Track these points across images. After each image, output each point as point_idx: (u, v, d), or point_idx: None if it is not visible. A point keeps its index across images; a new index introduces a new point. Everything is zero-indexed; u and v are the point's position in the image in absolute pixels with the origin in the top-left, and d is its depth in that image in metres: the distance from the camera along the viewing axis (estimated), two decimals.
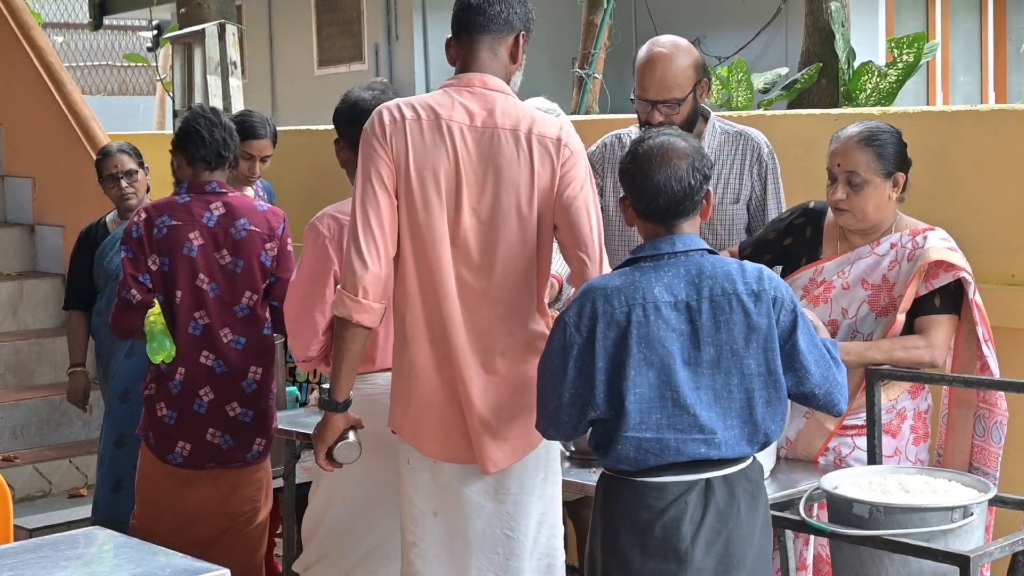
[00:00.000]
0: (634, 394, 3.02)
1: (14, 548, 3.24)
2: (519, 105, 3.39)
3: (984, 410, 3.74)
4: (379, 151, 3.33)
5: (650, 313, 3.03)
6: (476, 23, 3.38)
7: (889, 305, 3.76)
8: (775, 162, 4.28)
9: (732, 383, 3.05)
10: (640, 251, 3.14)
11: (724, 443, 3.04)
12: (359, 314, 3.32)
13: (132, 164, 5.68)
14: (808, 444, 3.86)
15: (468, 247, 3.34)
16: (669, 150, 3.10)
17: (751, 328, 3.05)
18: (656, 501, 3.05)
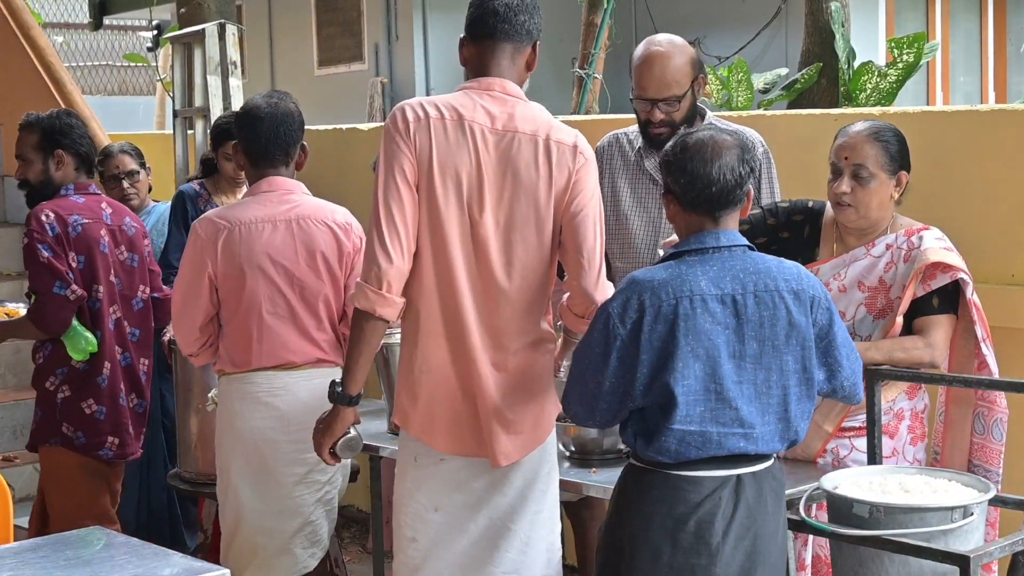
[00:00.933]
0: (682, 386, 3.05)
1: (14, 548, 3.24)
2: (537, 111, 3.45)
3: (983, 408, 3.74)
4: (403, 147, 3.36)
5: (697, 306, 3.06)
6: (502, 31, 3.44)
7: (886, 307, 3.76)
8: (770, 161, 4.28)
9: (772, 379, 3.10)
10: (685, 244, 3.17)
11: (761, 438, 3.10)
12: (382, 308, 3.34)
13: (133, 164, 5.68)
14: (807, 446, 3.86)
15: (487, 247, 3.38)
16: (720, 141, 3.15)
17: (792, 325, 3.11)
18: (692, 495, 3.08)
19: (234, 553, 4.17)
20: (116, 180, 5.65)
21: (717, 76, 8.59)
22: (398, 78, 12.14)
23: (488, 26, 3.47)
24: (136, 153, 5.75)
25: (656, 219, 4.30)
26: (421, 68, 11.97)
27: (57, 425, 4.69)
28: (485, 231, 3.38)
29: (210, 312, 4.13)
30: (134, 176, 5.68)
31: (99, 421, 4.71)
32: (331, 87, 12.71)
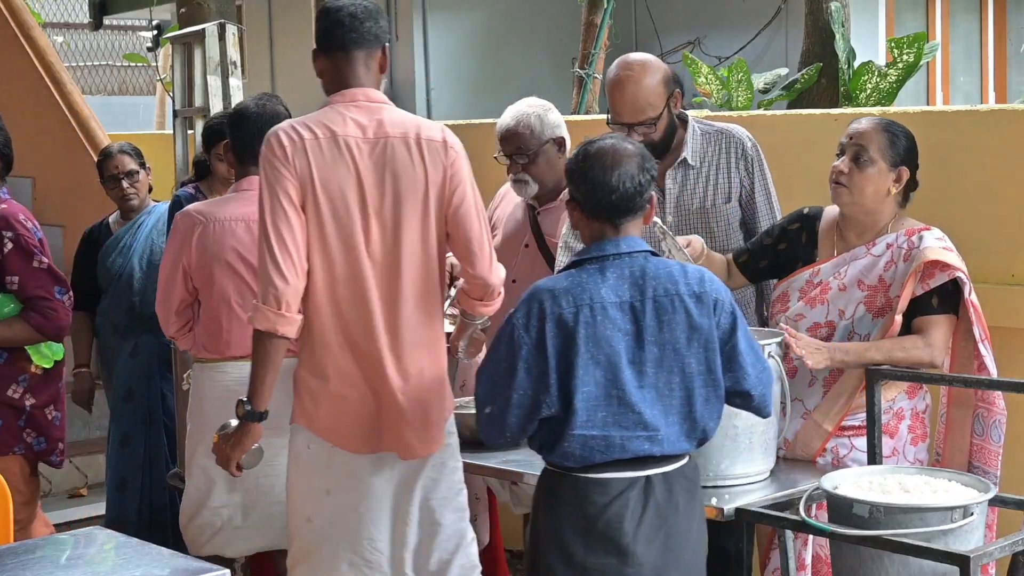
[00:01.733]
0: (582, 392, 3.12)
1: (14, 548, 3.24)
2: (403, 114, 3.64)
3: (983, 409, 3.75)
4: (284, 171, 3.51)
5: (597, 313, 3.14)
6: (351, 40, 3.59)
7: (885, 306, 3.77)
8: (759, 154, 4.28)
9: (674, 381, 3.17)
10: (585, 253, 3.24)
11: (666, 440, 3.17)
12: (283, 327, 3.50)
13: (133, 165, 5.68)
14: (806, 445, 3.87)
15: (377, 251, 3.56)
16: (620, 150, 3.24)
17: (693, 328, 3.18)
18: (599, 497, 3.16)
19: (195, 526, 4.41)
20: (115, 180, 5.65)
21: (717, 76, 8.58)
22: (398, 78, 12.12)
23: (338, 37, 3.61)
24: (136, 153, 5.75)
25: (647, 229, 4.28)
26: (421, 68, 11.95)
27: (20, 433, 4.67)
28: (373, 237, 3.55)
29: (186, 299, 4.40)
30: (133, 176, 5.68)
31: (56, 427, 4.73)
32: None
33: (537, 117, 4.70)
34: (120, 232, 5.64)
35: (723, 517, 3.49)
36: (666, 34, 11.14)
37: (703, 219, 4.25)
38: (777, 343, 3.70)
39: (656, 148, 4.19)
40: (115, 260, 5.58)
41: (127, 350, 5.44)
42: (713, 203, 4.24)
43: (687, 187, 4.26)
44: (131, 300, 5.50)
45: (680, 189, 4.26)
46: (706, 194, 4.25)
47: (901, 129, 3.83)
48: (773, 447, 3.73)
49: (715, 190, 4.24)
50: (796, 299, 3.91)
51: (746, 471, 3.68)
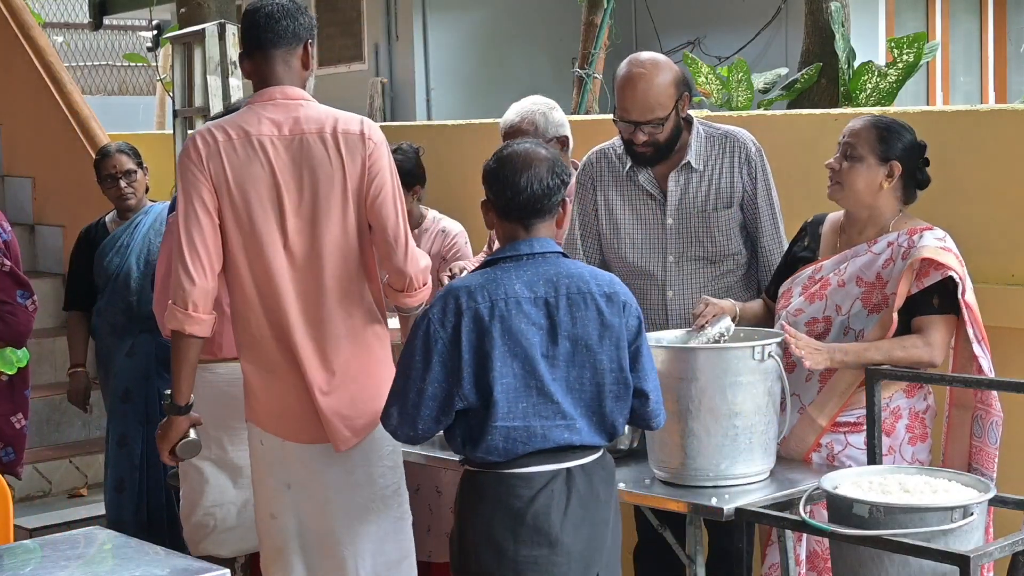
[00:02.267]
0: (501, 384, 3.21)
1: (14, 548, 3.24)
2: (321, 109, 3.68)
3: (981, 410, 3.75)
4: (198, 176, 3.62)
5: (512, 308, 3.24)
6: (267, 40, 3.67)
7: (881, 302, 3.77)
8: (764, 160, 4.27)
9: (585, 376, 3.28)
10: (500, 252, 3.35)
11: (583, 430, 3.28)
12: (191, 326, 3.60)
13: (131, 164, 5.68)
14: (800, 440, 3.87)
15: (297, 247, 3.62)
16: (532, 154, 3.34)
17: (604, 326, 3.28)
18: (524, 491, 3.25)
19: (191, 526, 4.47)
20: (113, 180, 5.65)
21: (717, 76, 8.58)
22: (398, 78, 12.13)
23: (255, 38, 3.68)
24: (133, 153, 5.75)
25: (658, 233, 4.28)
26: (421, 68, 11.95)
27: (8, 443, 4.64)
28: (292, 234, 3.62)
29: None
30: (131, 176, 5.67)
31: (24, 436, 4.68)
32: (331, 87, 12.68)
33: (542, 115, 4.70)
34: (117, 232, 5.64)
35: (723, 517, 3.49)
36: (666, 34, 11.14)
37: (704, 223, 4.24)
38: (777, 343, 3.70)
39: (661, 149, 4.19)
40: (112, 260, 5.58)
41: (124, 350, 5.44)
42: (715, 207, 4.23)
43: (689, 190, 4.25)
44: (128, 300, 5.50)
45: (683, 192, 4.26)
46: (708, 198, 4.24)
47: (898, 126, 3.84)
48: (773, 447, 3.73)
49: (717, 194, 4.24)
50: (798, 295, 3.92)
51: (746, 471, 3.68)
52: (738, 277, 4.29)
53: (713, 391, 3.63)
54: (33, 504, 6.12)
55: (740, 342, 3.79)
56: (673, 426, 3.67)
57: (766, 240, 4.25)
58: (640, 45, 11.25)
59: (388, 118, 11.80)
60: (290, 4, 3.72)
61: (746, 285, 4.30)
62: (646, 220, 4.30)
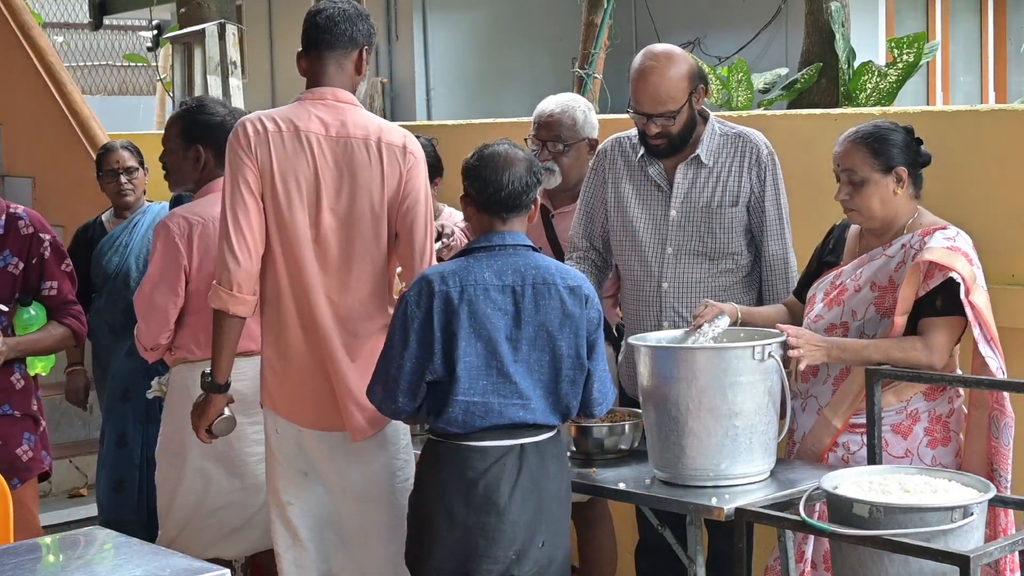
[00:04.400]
0: (464, 363, 3.48)
1: (14, 548, 3.24)
2: (367, 116, 3.82)
3: (997, 411, 3.73)
4: (245, 160, 3.73)
5: (480, 293, 3.50)
6: (324, 41, 3.79)
7: (892, 306, 3.76)
8: (775, 163, 4.27)
9: (544, 360, 3.54)
10: (475, 243, 3.61)
11: (538, 410, 3.54)
12: (235, 306, 3.73)
13: (133, 162, 5.69)
14: (817, 441, 3.87)
15: (329, 244, 3.75)
16: (512, 154, 3.60)
17: (566, 315, 3.54)
18: (480, 462, 3.51)
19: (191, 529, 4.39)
20: (114, 175, 5.66)
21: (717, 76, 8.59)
22: (398, 78, 12.13)
23: (313, 38, 3.81)
24: (136, 152, 5.75)
25: (661, 224, 4.29)
26: (421, 68, 11.96)
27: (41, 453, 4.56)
28: (326, 229, 3.75)
29: (180, 304, 4.36)
30: (132, 172, 5.68)
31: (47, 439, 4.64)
32: None
33: (582, 112, 4.72)
34: (116, 231, 5.64)
35: (723, 517, 3.48)
36: (666, 34, 11.13)
37: (706, 218, 4.24)
38: (778, 343, 3.70)
39: (674, 141, 4.20)
40: (111, 259, 5.57)
41: (123, 349, 5.42)
42: (720, 204, 4.23)
43: (696, 184, 4.26)
44: (128, 299, 5.47)
45: (690, 185, 4.26)
46: (714, 194, 4.24)
47: (885, 130, 3.81)
48: (773, 447, 3.73)
49: (724, 191, 4.24)
50: (820, 300, 3.91)
51: (746, 471, 3.68)
52: (737, 278, 4.28)
53: (713, 391, 3.63)
54: None
55: (740, 342, 3.79)
56: (673, 426, 3.67)
57: (771, 244, 4.24)
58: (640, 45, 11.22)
59: (388, 118, 11.76)
60: (352, 9, 3.82)
61: (746, 288, 4.29)
62: (651, 210, 4.31)
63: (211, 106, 4.55)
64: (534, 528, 3.53)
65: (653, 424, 3.75)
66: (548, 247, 4.72)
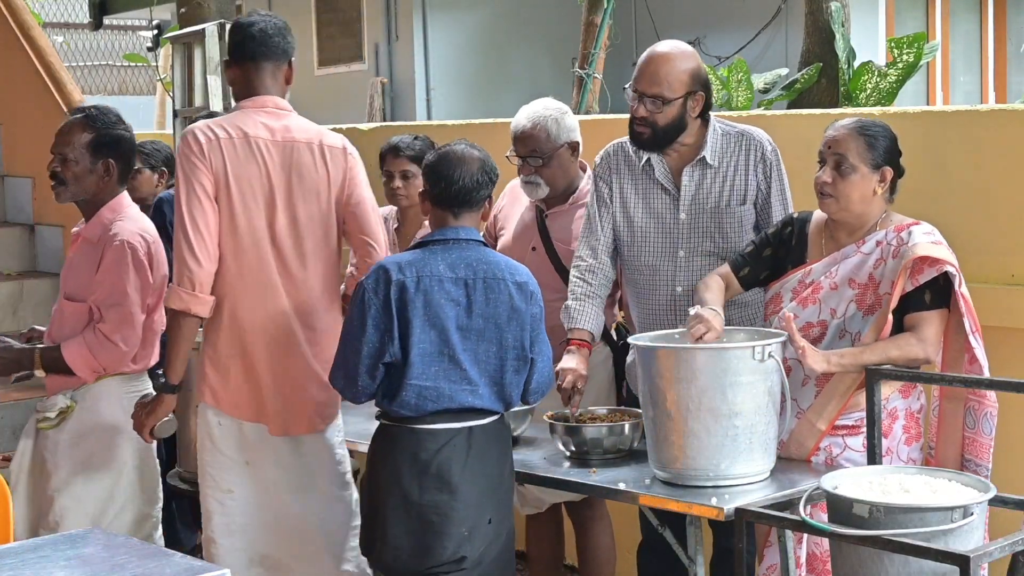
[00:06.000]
0: (418, 349, 3.68)
1: (14, 548, 3.24)
2: (306, 122, 4.09)
3: (974, 402, 3.75)
4: (200, 165, 3.92)
5: (434, 284, 3.70)
6: (260, 52, 4.02)
7: (875, 303, 3.77)
8: (779, 159, 4.28)
9: (491, 350, 3.75)
10: (429, 236, 3.82)
11: (485, 396, 3.74)
12: (196, 306, 3.90)
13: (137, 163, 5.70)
14: (800, 444, 3.87)
15: (283, 242, 3.97)
16: (466, 153, 3.83)
17: (514, 309, 3.75)
18: (431, 444, 3.71)
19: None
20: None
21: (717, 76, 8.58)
22: (398, 78, 12.13)
23: (249, 50, 4.02)
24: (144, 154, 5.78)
25: (671, 228, 4.28)
26: (421, 68, 11.95)
27: None
28: (279, 229, 3.97)
29: None
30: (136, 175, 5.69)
31: None
32: (331, 87, 12.70)
33: (554, 120, 4.67)
34: None
35: (723, 517, 3.49)
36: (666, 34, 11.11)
37: (716, 219, 4.24)
38: (779, 343, 3.70)
39: (657, 134, 4.19)
40: None
41: None
42: (728, 203, 4.23)
43: (704, 186, 4.26)
44: None
45: (696, 187, 4.26)
46: (721, 194, 4.24)
47: (877, 128, 3.82)
48: (773, 447, 3.73)
49: (731, 190, 4.24)
50: (788, 299, 3.91)
51: (746, 471, 3.68)
52: None
53: (713, 391, 3.63)
54: None
55: (740, 342, 3.79)
56: (673, 426, 3.67)
57: None
58: (640, 45, 11.24)
59: (388, 118, 11.80)
60: (281, 23, 4.08)
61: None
62: (659, 214, 4.31)
63: (120, 119, 4.52)
64: (483, 506, 3.73)
65: (653, 424, 3.76)
66: (542, 247, 4.72)
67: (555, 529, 4.91)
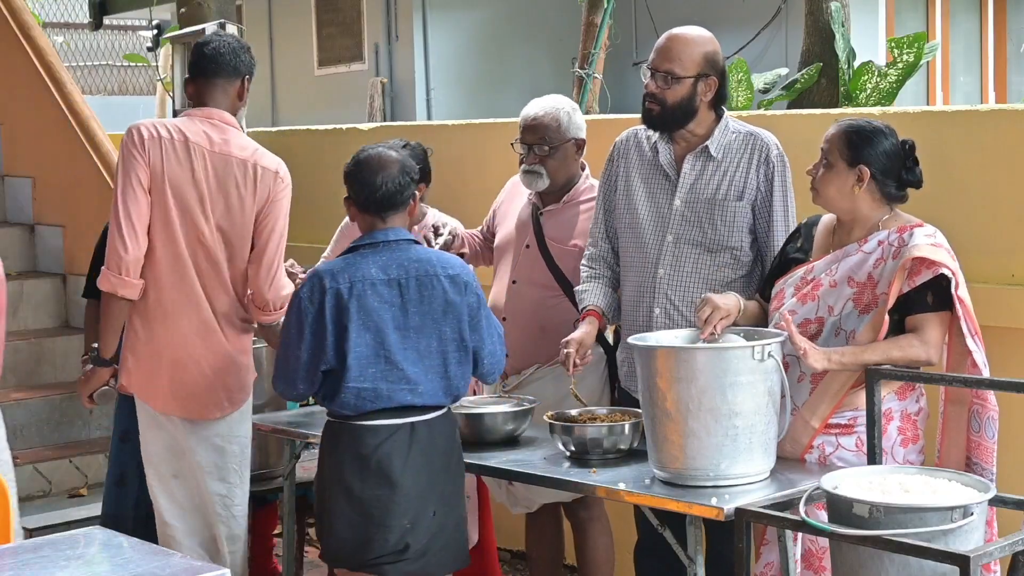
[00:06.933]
0: (355, 352, 3.79)
1: (14, 548, 3.24)
2: (247, 140, 4.35)
3: (978, 405, 3.75)
4: (139, 159, 4.22)
5: (368, 288, 3.82)
6: (210, 69, 4.32)
7: (872, 302, 3.77)
8: (784, 164, 4.28)
9: (432, 345, 3.86)
10: (359, 241, 3.93)
11: (427, 393, 3.85)
12: (123, 289, 4.22)
13: None
14: (794, 442, 3.87)
15: (207, 245, 4.25)
16: (385, 157, 3.94)
17: (448, 303, 3.87)
18: (372, 440, 3.83)
19: None
20: None
21: None
22: (398, 78, 12.13)
23: (201, 67, 4.33)
24: None
25: (664, 212, 4.31)
26: (421, 68, 11.96)
27: None
28: (204, 232, 4.25)
29: None
30: None
31: None
32: (331, 87, 12.71)
33: (566, 113, 4.72)
34: None
35: (723, 517, 3.48)
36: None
37: (709, 210, 4.25)
38: (778, 343, 3.70)
39: (665, 113, 4.24)
40: None
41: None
42: (725, 196, 4.24)
43: (704, 176, 4.28)
44: None
45: (696, 176, 4.28)
46: (719, 187, 4.26)
47: (871, 131, 3.84)
48: (773, 447, 3.73)
49: (729, 185, 4.25)
50: (790, 295, 3.92)
51: (746, 471, 3.68)
52: (736, 275, 4.28)
53: (713, 391, 3.63)
54: (33, 504, 6.11)
55: (740, 342, 3.79)
56: (673, 426, 3.67)
57: (775, 246, 4.23)
58: (640, 45, 11.26)
59: (388, 118, 11.80)
60: (236, 43, 4.37)
61: (744, 286, 4.28)
62: (656, 198, 4.34)
63: None
64: (426, 499, 3.84)
65: (653, 424, 3.75)
66: (536, 244, 4.73)
67: (555, 529, 4.92)
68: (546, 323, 4.62)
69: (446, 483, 3.91)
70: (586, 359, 4.26)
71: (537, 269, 4.70)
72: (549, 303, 4.63)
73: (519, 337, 4.64)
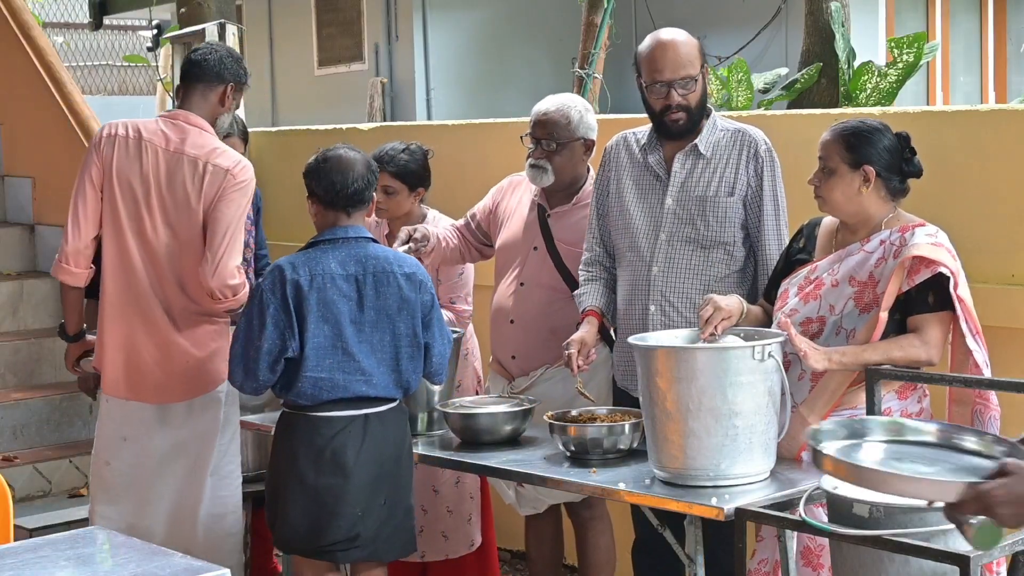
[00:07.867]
0: (312, 343, 3.95)
1: (14, 548, 3.24)
2: (209, 140, 4.46)
3: (980, 405, 3.76)
4: (94, 157, 4.51)
5: (327, 282, 3.98)
6: (193, 74, 4.51)
7: (872, 301, 3.78)
8: (773, 159, 4.29)
9: (385, 340, 4.03)
10: (321, 236, 4.09)
11: (380, 385, 4.02)
12: (64, 276, 4.52)
13: None
14: (792, 438, 3.86)
15: (156, 239, 4.43)
16: (351, 156, 4.11)
17: (403, 300, 4.04)
18: (327, 430, 3.99)
19: None
20: None
21: (717, 76, 8.58)
22: (398, 78, 12.13)
23: (185, 71, 4.54)
24: None
25: (656, 212, 4.32)
26: (421, 68, 11.95)
27: None
28: (153, 227, 4.42)
29: None
30: None
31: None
32: (331, 87, 12.70)
33: (577, 112, 4.71)
34: None
35: (723, 517, 3.48)
36: None
37: (700, 208, 4.26)
38: (778, 343, 3.70)
39: (692, 117, 4.25)
40: None
41: None
42: (716, 193, 4.25)
43: (694, 174, 4.28)
44: None
45: (687, 175, 4.29)
46: (710, 184, 4.26)
47: (866, 129, 3.84)
48: (773, 447, 3.73)
49: (720, 181, 4.26)
50: (793, 295, 3.93)
51: (746, 471, 3.68)
52: (729, 271, 4.28)
53: (713, 391, 3.63)
54: (33, 504, 6.10)
55: (740, 342, 3.79)
56: (673, 426, 3.67)
57: (767, 240, 4.25)
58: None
59: (388, 118, 11.80)
60: (225, 52, 4.53)
61: (739, 282, 4.29)
62: (648, 199, 4.35)
63: None
64: (377, 488, 4.00)
65: (653, 424, 3.75)
66: (544, 246, 4.72)
67: (555, 529, 4.91)
68: (556, 325, 4.61)
69: (397, 473, 4.06)
70: (590, 358, 4.26)
71: (545, 271, 4.69)
72: (558, 305, 4.62)
73: (527, 339, 4.65)
